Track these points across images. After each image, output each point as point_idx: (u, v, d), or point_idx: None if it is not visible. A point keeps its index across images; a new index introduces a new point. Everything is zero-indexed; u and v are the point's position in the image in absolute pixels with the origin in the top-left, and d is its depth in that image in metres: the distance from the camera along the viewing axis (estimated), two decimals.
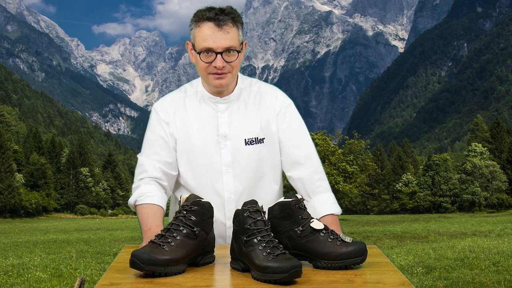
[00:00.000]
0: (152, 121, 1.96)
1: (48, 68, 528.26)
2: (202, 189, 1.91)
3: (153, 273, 1.34)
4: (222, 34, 1.76)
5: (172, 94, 2.01)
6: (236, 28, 1.80)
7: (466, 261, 8.76)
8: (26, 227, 34.87)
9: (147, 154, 1.92)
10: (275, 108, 1.95)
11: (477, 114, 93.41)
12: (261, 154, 1.91)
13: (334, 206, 1.91)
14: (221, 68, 1.78)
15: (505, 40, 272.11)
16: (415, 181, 70.55)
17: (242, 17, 1.88)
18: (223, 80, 1.82)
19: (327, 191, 1.95)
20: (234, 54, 1.79)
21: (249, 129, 1.91)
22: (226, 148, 1.89)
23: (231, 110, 1.92)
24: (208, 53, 1.77)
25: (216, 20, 1.75)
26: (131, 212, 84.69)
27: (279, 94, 1.99)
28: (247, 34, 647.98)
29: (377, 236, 17.79)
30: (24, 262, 10.09)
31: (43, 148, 78.14)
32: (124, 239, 18.81)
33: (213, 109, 1.92)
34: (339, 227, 1.88)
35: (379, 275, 1.40)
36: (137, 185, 1.90)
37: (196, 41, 1.80)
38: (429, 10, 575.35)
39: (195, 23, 1.80)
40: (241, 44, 1.84)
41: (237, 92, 1.93)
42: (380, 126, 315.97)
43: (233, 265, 1.48)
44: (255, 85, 1.98)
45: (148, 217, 1.78)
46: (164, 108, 1.95)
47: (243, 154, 1.90)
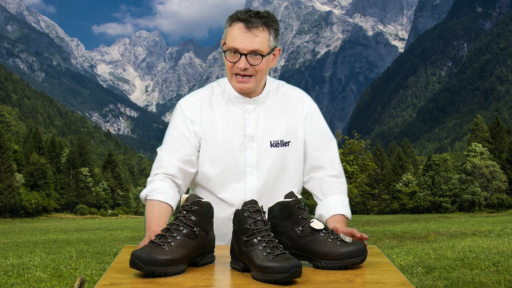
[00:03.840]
0: (176, 117, 1.95)
1: (48, 68, 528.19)
2: (225, 188, 1.91)
3: (153, 273, 1.34)
4: (250, 36, 1.77)
5: (199, 92, 1.99)
6: (267, 32, 1.80)
7: (466, 261, 8.76)
8: (26, 227, 34.86)
9: (167, 150, 1.91)
10: (302, 112, 1.95)
11: (477, 114, 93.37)
12: (285, 157, 1.91)
13: (346, 209, 1.91)
14: (243, 69, 1.79)
15: (505, 40, 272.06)
16: (415, 181, 70.54)
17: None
18: (245, 84, 1.83)
19: (344, 194, 1.96)
20: (259, 57, 1.79)
21: (275, 131, 1.91)
22: (251, 149, 1.89)
23: (259, 111, 1.92)
24: (234, 53, 1.78)
25: (247, 22, 1.77)
26: (131, 212, 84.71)
27: (306, 98, 2.00)
28: None
29: (377, 236, 17.79)
30: (24, 262, 10.09)
31: (43, 148, 78.13)
32: (124, 239, 18.81)
33: (241, 109, 1.91)
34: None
35: (379, 275, 1.40)
36: (151, 179, 1.89)
37: (226, 40, 1.81)
38: (429, 10, 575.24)
39: (228, 22, 1.82)
40: (272, 50, 1.83)
41: (265, 94, 1.94)
42: (380, 126, 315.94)
43: (233, 265, 1.48)
44: (282, 88, 1.98)
45: (153, 215, 1.77)
46: (190, 106, 1.94)
47: (268, 155, 1.90)
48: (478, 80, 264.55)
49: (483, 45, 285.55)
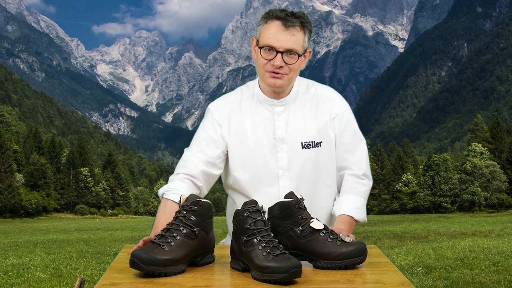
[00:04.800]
0: (205, 120, 1.96)
1: (48, 68, 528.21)
2: (258, 193, 1.89)
3: (153, 273, 1.34)
4: (287, 35, 1.76)
5: (228, 96, 1.99)
6: (303, 33, 1.80)
7: (466, 261, 8.76)
8: (26, 227, 34.85)
9: (193, 151, 1.91)
10: (332, 112, 1.92)
11: (477, 114, 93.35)
12: (317, 158, 1.89)
13: (358, 211, 1.87)
14: (278, 67, 1.78)
15: (505, 40, 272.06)
16: (415, 181, 70.53)
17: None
18: (279, 80, 1.81)
19: (360, 196, 1.92)
20: (295, 57, 1.79)
21: (306, 132, 1.88)
22: (282, 152, 1.87)
23: (288, 112, 1.90)
24: (269, 50, 1.78)
25: (284, 20, 1.76)
26: (131, 212, 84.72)
27: (336, 97, 1.97)
28: (247, 34, 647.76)
29: (377, 236, 17.78)
30: (24, 262, 10.09)
31: (43, 148, 78.11)
32: (124, 239, 18.81)
33: (270, 111, 1.90)
34: (351, 230, 1.84)
35: (379, 275, 1.40)
36: (172, 178, 1.89)
37: (261, 37, 1.80)
38: (429, 10, 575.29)
39: (264, 20, 1.81)
40: (305, 51, 1.83)
41: (293, 94, 1.92)
42: (380, 126, 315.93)
43: (233, 265, 1.48)
44: (311, 87, 1.97)
45: (163, 216, 1.76)
46: (219, 110, 1.94)
47: (299, 157, 1.87)
48: (478, 80, 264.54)
49: (483, 45, 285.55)
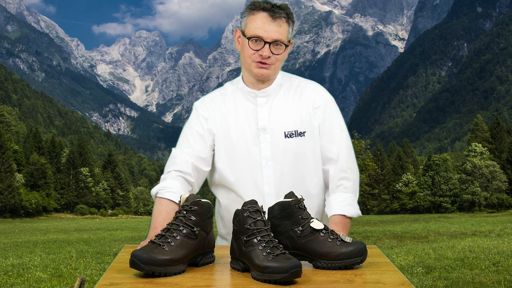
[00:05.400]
0: (191, 117, 1.99)
1: (48, 68, 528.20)
2: (242, 184, 1.89)
3: (153, 273, 1.33)
4: (275, 26, 1.80)
5: (213, 92, 2.04)
6: (288, 24, 1.85)
7: (466, 261, 8.76)
8: (26, 227, 34.85)
9: (181, 148, 1.92)
10: (315, 102, 1.94)
11: (477, 114, 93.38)
12: (301, 148, 1.89)
13: (348, 207, 1.87)
14: (266, 57, 1.82)
15: (505, 40, 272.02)
16: (415, 181, 70.55)
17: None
18: (266, 70, 1.85)
19: (348, 192, 1.91)
20: (282, 47, 1.83)
21: (288, 122, 1.89)
22: (265, 142, 1.88)
23: (271, 103, 1.92)
24: (257, 41, 1.81)
25: (271, 12, 1.81)
26: (131, 212, 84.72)
27: (320, 89, 1.99)
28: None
29: (377, 236, 17.78)
30: (24, 262, 10.09)
31: (43, 148, 78.12)
32: (124, 239, 18.81)
33: (253, 103, 1.92)
34: (346, 228, 1.84)
35: (379, 275, 1.39)
36: (164, 177, 1.89)
37: (247, 28, 1.83)
38: (429, 10, 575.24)
39: (249, 11, 1.84)
40: (289, 42, 1.87)
41: (276, 86, 1.94)
42: (380, 126, 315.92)
43: (233, 265, 1.47)
44: (295, 80, 2.00)
45: (159, 214, 1.76)
46: (204, 105, 1.98)
47: (282, 147, 1.88)
48: (478, 80, 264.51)
49: (483, 45, 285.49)
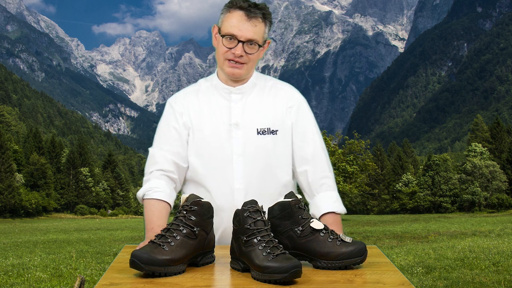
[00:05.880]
0: (165, 113, 1.99)
1: (48, 68, 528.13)
2: (212, 178, 1.89)
3: (153, 273, 1.34)
4: (250, 25, 1.81)
5: (187, 88, 2.04)
6: (264, 24, 1.86)
7: (466, 261, 8.76)
8: (26, 227, 34.85)
9: (159, 146, 1.92)
10: (289, 102, 1.96)
11: (477, 114, 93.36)
12: (273, 145, 1.90)
13: (336, 204, 1.89)
14: (238, 56, 1.82)
15: (505, 40, 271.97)
16: (415, 181, 70.54)
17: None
18: (238, 70, 1.86)
19: (331, 190, 1.93)
20: (255, 47, 1.84)
21: (262, 119, 1.91)
22: (237, 138, 1.89)
23: (245, 100, 1.93)
24: (231, 39, 1.82)
25: (247, 11, 1.82)
26: (131, 212, 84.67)
27: (294, 91, 2.01)
28: None
29: (377, 236, 17.78)
30: (24, 262, 10.09)
31: (43, 148, 78.10)
32: (124, 239, 18.80)
33: (227, 99, 1.93)
34: (340, 225, 1.86)
35: (379, 275, 1.40)
36: (147, 178, 1.88)
37: (223, 25, 1.84)
38: (429, 10, 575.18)
39: (227, 8, 1.85)
40: (265, 42, 1.89)
41: (250, 84, 1.95)
42: (380, 126, 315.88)
43: (233, 265, 1.47)
44: (270, 81, 2.02)
45: (153, 215, 1.77)
46: (178, 100, 1.98)
47: (254, 143, 1.89)
48: (478, 80, 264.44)
49: (483, 45, 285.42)
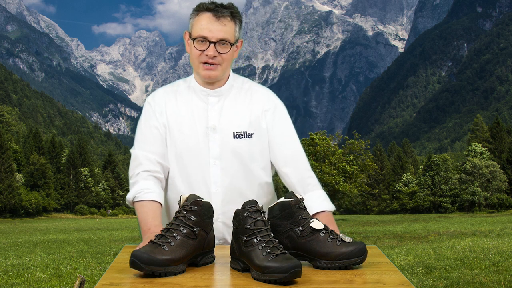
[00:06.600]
0: (145, 113, 1.97)
1: (48, 68, 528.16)
2: (189, 182, 1.90)
3: (153, 273, 1.34)
4: (219, 25, 1.81)
5: (164, 87, 2.03)
6: (233, 23, 1.85)
7: (466, 261, 8.76)
8: (26, 227, 34.85)
9: (141, 147, 1.91)
10: (264, 106, 1.96)
11: (477, 114, 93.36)
12: (249, 148, 1.91)
13: (326, 203, 1.91)
14: (212, 57, 1.82)
15: (505, 40, 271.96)
16: (415, 181, 70.55)
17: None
18: (213, 71, 1.86)
19: (318, 189, 1.95)
20: (227, 46, 1.84)
21: (238, 123, 1.91)
22: (214, 141, 1.89)
23: (222, 103, 1.93)
24: (202, 41, 1.82)
25: (215, 12, 1.82)
26: (131, 212, 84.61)
27: (271, 94, 2.02)
28: (247, 34, 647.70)
29: (377, 236, 17.78)
30: (24, 262, 10.09)
31: (43, 148, 78.12)
32: (124, 239, 18.80)
33: (204, 102, 1.94)
34: (334, 223, 1.87)
35: (379, 275, 1.40)
36: (134, 180, 1.87)
37: (193, 29, 1.85)
38: (429, 10, 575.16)
39: (195, 13, 1.86)
40: (237, 41, 1.89)
41: (227, 87, 1.96)
42: (380, 126, 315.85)
43: (233, 265, 1.48)
44: (246, 83, 2.02)
45: (147, 216, 1.76)
46: (157, 98, 1.97)
47: (231, 147, 1.89)
48: (478, 80, 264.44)
49: (483, 45, 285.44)
